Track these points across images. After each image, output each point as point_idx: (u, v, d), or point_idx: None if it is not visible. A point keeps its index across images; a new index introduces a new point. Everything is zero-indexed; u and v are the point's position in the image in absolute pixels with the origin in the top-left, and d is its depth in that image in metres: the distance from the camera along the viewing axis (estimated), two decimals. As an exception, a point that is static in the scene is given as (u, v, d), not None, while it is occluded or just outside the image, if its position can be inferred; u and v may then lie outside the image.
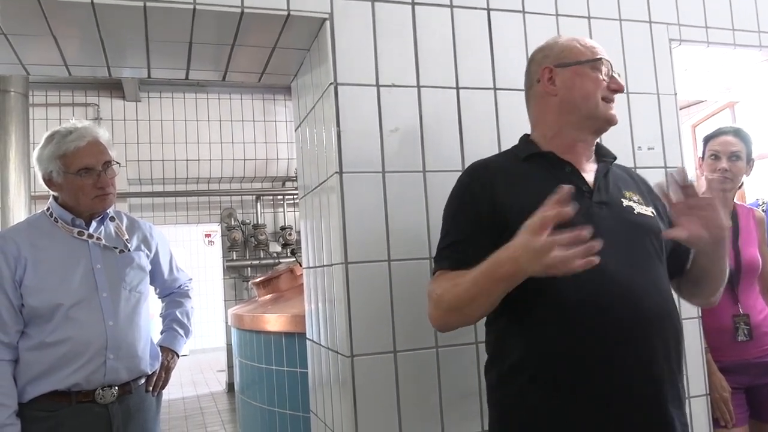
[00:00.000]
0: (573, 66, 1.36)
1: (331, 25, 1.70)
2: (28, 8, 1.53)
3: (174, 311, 2.23)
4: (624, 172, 1.48)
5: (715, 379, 2.03)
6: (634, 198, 1.37)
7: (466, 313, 1.26)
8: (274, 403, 3.21)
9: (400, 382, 1.65)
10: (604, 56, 1.38)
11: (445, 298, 1.26)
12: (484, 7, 1.86)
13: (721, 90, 2.88)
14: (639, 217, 1.34)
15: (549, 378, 1.22)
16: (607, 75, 1.37)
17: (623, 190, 1.38)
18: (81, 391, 1.78)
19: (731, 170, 2.17)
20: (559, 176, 1.32)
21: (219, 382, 7.59)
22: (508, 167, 1.38)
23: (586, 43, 1.41)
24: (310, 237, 1.98)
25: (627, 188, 1.39)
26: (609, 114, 1.36)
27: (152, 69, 2.00)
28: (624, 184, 1.41)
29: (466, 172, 1.42)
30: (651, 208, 1.38)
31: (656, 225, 1.35)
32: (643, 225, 1.33)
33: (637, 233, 1.31)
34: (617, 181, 1.40)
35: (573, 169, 1.35)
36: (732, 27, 2.20)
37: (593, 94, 1.35)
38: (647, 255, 1.31)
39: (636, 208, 1.35)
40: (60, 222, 1.85)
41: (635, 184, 1.45)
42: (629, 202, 1.35)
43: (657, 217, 1.38)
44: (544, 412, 1.22)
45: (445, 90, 1.79)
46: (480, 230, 1.30)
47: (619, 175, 1.44)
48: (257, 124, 6.93)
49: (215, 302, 8.56)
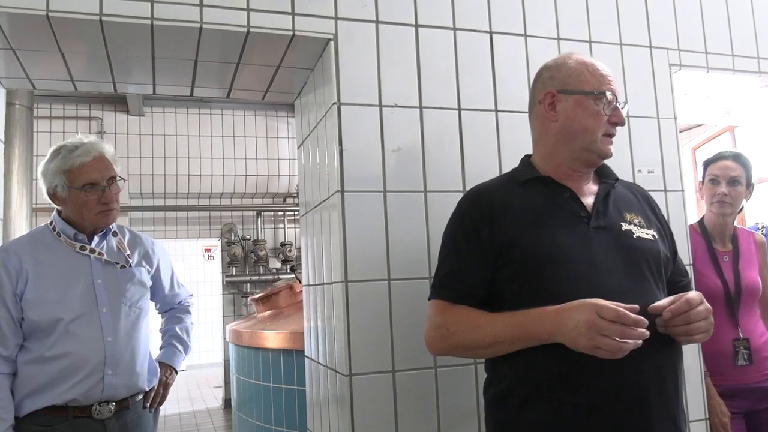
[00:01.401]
0: (576, 95, 1.33)
1: (335, 45, 1.72)
2: (36, 24, 1.55)
3: (174, 327, 2.23)
4: (628, 190, 1.46)
5: (715, 404, 2.02)
6: (635, 221, 1.35)
7: (480, 354, 1.34)
8: (270, 420, 3.19)
9: (399, 402, 1.65)
10: (612, 87, 1.34)
11: (459, 337, 1.28)
12: (487, 30, 1.88)
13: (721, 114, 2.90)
14: (638, 242, 1.32)
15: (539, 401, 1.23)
16: (610, 108, 1.33)
17: (624, 213, 1.36)
18: (78, 406, 1.77)
19: (731, 195, 2.18)
20: (557, 202, 1.33)
21: (216, 398, 7.54)
22: (507, 192, 1.37)
23: (596, 70, 1.35)
24: (311, 254, 1.99)
25: (629, 210, 1.38)
26: (604, 150, 1.34)
27: (157, 85, 2.02)
28: (626, 205, 1.39)
29: (465, 197, 1.42)
30: (653, 231, 1.36)
31: (655, 249, 1.34)
32: (640, 249, 1.31)
33: (635, 258, 1.30)
34: (619, 202, 1.38)
35: (572, 194, 1.34)
36: (731, 53, 2.22)
37: (592, 129, 1.32)
38: (643, 280, 1.29)
39: (635, 232, 1.33)
40: (62, 236, 1.86)
41: (639, 204, 1.43)
42: (629, 226, 1.33)
43: (658, 239, 1.37)
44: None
45: (447, 111, 1.80)
46: (480, 257, 1.31)
47: (622, 195, 1.42)
48: (259, 140, 6.96)
49: (214, 317, 8.53)
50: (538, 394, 1.23)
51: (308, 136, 2.02)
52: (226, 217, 7.07)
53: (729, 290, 2.14)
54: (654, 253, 1.33)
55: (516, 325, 1.21)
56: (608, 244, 1.29)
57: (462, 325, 1.28)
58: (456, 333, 1.28)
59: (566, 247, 1.27)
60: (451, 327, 1.29)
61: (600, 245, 1.28)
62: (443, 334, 1.30)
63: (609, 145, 1.35)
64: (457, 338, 1.28)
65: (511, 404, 1.27)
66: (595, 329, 1.09)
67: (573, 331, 1.11)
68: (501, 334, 1.22)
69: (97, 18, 1.55)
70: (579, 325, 1.10)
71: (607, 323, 1.08)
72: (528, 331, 1.19)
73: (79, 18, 1.54)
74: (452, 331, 1.29)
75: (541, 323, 1.17)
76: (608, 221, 1.33)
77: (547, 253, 1.26)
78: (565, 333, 1.13)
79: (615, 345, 1.08)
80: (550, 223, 1.30)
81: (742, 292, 2.15)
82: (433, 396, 1.68)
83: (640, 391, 1.20)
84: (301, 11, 1.70)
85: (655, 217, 1.44)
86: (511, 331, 1.21)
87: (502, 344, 1.23)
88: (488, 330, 1.24)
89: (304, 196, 2.10)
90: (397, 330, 1.66)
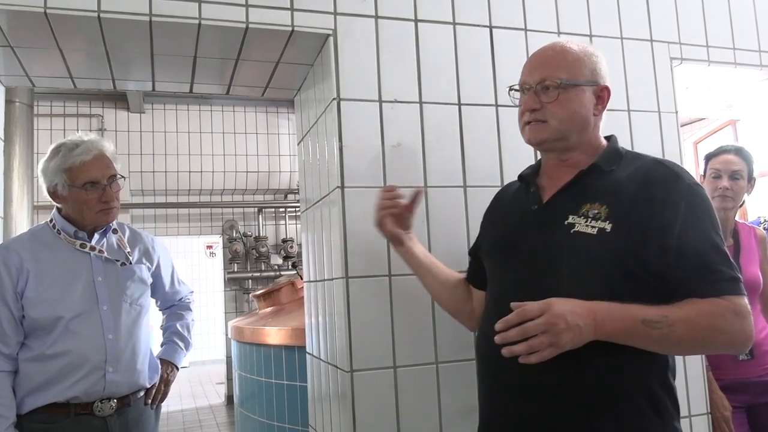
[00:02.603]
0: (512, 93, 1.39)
1: (334, 41, 1.72)
2: (34, 21, 1.55)
3: (174, 324, 2.23)
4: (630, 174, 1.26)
5: (716, 398, 2.02)
6: (591, 212, 1.22)
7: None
8: (273, 416, 3.19)
9: (400, 398, 1.65)
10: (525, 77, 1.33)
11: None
12: (487, 24, 1.87)
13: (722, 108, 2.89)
14: (571, 237, 1.21)
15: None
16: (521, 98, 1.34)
17: (583, 204, 1.24)
18: (80, 403, 1.77)
19: (732, 189, 2.18)
20: (522, 197, 1.41)
21: (218, 395, 7.56)
22: (507, 189, 1.53)
23: (530, 61, 1.36)
24: (311, 250, 1.99)
25: (594, 200, 1.23)
26: (527, 138, 1.35)
27: (157, 82, 2.02)
28: (594, 194, 1.24)
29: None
30: (607, 223, 1.19)
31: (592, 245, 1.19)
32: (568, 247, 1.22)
33: (561, 255, 1.23)
34: (586, 192, 1.26)
35: (536, 189, 1.36)
36: (733, 46, 2.21)
37: (519, 123, 1.36)
38: (556, 279, 1.21)
39: (577, 226, 1.22)
40: (62, 234, 1.86)
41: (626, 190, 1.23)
42: (576, 218, 1.23)
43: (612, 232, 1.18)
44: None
45: (447, 106, 1.80)
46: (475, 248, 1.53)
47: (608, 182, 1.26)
48: (260, 137, 6.96)
49: (215, 314, 8.55)
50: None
51: (308, 132, 2.01)
52: (228, 214, 7.07)
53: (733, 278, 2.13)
54: (588, 250, 1.19)
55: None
56: (542, 238, 1.28)
57: None
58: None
59: (501, 239, 1.39)
60: None
61: (533, 238, 1.30)
62: None
63: (529, 132, 1.33)
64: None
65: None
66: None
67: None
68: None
69: (95, 14, 1.54)
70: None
71: None
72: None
73: (77, 15, 1.53)
74: None
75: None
76: (556, 214, 1.26)
77: (488, 244, 1.44)
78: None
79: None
80: (502, 218, 1.45)
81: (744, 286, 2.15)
82: (434, 392, 1.68)
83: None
84: (300, 6, 1.69)
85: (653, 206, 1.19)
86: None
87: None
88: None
89: (304, 193, 2.10)
90: (398, 326, 1.66)
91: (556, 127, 1.29)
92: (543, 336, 1.06)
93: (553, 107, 1.28)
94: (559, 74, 1.28)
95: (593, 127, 1.33)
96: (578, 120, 1.29)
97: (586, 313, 1.09)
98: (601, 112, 1.33)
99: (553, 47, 1.33)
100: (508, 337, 1.08)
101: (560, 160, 1.35)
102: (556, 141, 1.31)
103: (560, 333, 1.06)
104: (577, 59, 1.29)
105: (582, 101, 1.29)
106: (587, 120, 1.31)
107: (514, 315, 1.08)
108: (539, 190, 1.36)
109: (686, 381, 1.92)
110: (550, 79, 1.28)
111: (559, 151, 1.33)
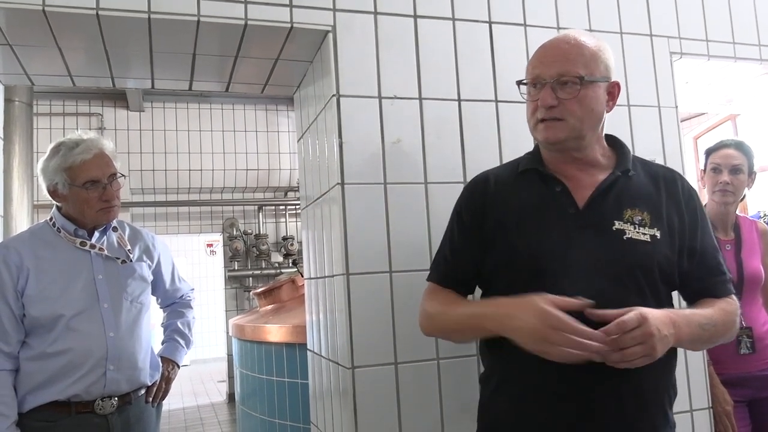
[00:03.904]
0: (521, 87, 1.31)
1: (333, 37, 1.71)
2: (33, 19, 1.54)
3: (175, 321, 2.23)
4: (651, 178, 1.31)
5: (718, 392, 2.02)
6: (636, 218, 1.23)
7: (453, 339, 1.45)
8: (274, 413, 3.20)
9: (401, 394, 1.65)
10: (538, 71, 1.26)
11: (435, 320, 1.35)
12: (486, 20, 1.87)
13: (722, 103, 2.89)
14: (626, 244, 1.21)
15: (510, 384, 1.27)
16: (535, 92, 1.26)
17: (625, 209, 1.24)
18: (80, 401, 1.77)
19: (733, 183, 2.18)
20: (546, 195, 1.28)
21: (219, 393, 7.56)
22: (506, 181, 1.35)
23: (539, 55, 1.29)
24: (312, 248, 1.99)
25: (633, 205, 1.25)
26: (540, 137, 1.28)
27: (156, 80, 2.01)
28: (631, 199, 1.25)
29: (466, 185, 1.45)
30: (656, 230, 1.23)
31: (647, 252, 1.21)
32: (626, 252, 1.20)
33: (618, 261, 1.20)
34: (623, 195, 1.26)
35: (563, 189, 1.27)
36: (732, 40, 2.21)
37: (529, 119, 1.29)
38: (623, 285, 1.20)
39: (628, 233, 1.21)
40: (62, 232, 1.86)
41: (655, 196, 1.28)
42: (623, 225, 1.22)
43: (661, 240, 1.23)
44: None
45: (446, 102, 1.80)
46: (468, 244, 1.33)
47: (636, 186, 1.28)
48: (260, 135, 6.96)
49: (216, 312, 8.56)
50: (509, 378, 1.27)
51: (308, 129, 2.01)
52: (228, 212, 7.07)
53: (731, 279, 2.13)
54: (645, 257, 1.21)
55: (474, 316, 1.25)
56: (592, 244, 1.21)
57: (439, 308, 1.33)
58: (434, 316, 1.34)
59: (544, 246, 1.23)
60: (430, 309, 1.35)
61: (582, 245, 1.21)
62: (425, 316, 1.36)
63: (539, 132, 1.27)
64: (435, 321, 1.35)
65: (490, 386, 1.32)
66: (539, 336, 1.07)
67: (518, 333, 1.12)
68: (463, 323, 1.28)
69: (93, 12, 1.54)
70: (524, 329, 1.10)
71: (552, 332, 1.06)
72: (482, 323, 1.22)
73: (75, 12, 1.53)
74: (431, 313, 1.35)
75: (493, 317, 1.19)
76: (598, 218, 1.23)
77: (525, 251, 1.24)
78: (512, 333, 1.13)
79: (563, 353, 1.06)
80: (534, 220, 1.26)
81: (745, 281, 2.15)
82: (435, 387, 1.68)
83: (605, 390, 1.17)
84: (299, 3, 1.69)
85: (675, 209, 1.28)
86: (469, 320, 1.26)
87: (465, 332, 1.31)
88: (453, 316, 1.29)
89: (304, 190, 2.09)
90: (399, 322, 1.66)
91: (574, 125, 1.23)
92: (638, 347, 1.07)
93: (571, 104, 1.22)
94: (578, 69, 1.22)
95: (603, 124, 1.31)
96: (595, 118, 1.26)
97: (669, 323, 1.12)
98: (612, 108, 1.30)
99: (567, 40, 1.26)
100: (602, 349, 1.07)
101: (574, 159, 1.29)
102: (572, 140, 1.26)
103: (655, 344, 1.08)
104: (593, 54, 1.25)
105: (598, 98, 1.25)
106: (601, 117, 1.28)
107: (614, 327, 1.07)
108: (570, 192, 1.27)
109: (687, 376, 1.92)
110: (568, 74, 1.22)
111: (573, 149, 1.28)
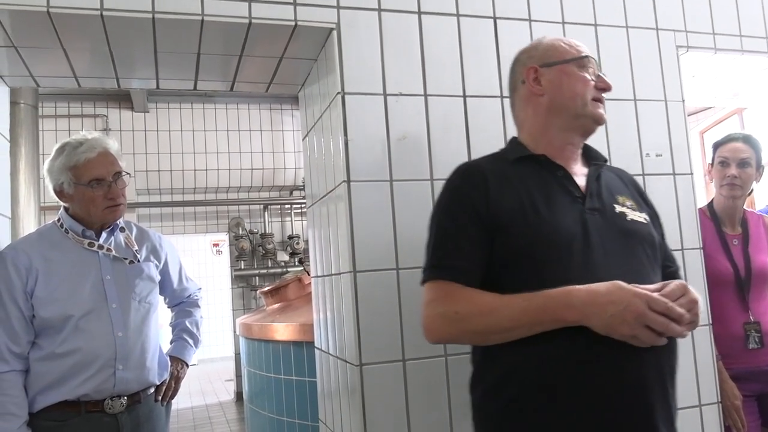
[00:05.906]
0: (559, 65, 1.33)
1: (338, 35, 1.71)
2: (37, 21, 1.55)
3: (183, 321, 2.24)
4: (615, 174, 1.43)
5: (727, 387, 2.01)
6: (627, 203, 1.32)
7: (492, 339, 1.20)
8: (282, 412, 3.20)
9: (409, 391, 1.65)
10: (590, 54, 1.36)
11: (472, 322, 1.19)
12: (491, 15, 1.86)
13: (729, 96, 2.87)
14: (632, 224, 1.29)
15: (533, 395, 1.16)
16: (593, 74, 1.34)
17: (616, 195, 1.33)
18: (90, 401, 1.78)
19: (740, 177, 2.16)
20: (550, 180, 1.30)
21: (227, 392, 7.59)
22: (499, 169, 1.32)
23: (570, 41, 1.37)
24: (318, 246, 1.99)
25: (620, 193, 1.35)
26: (597, 113, 1.33)
27: (161, 80, 2.02)
28: (616, 188, 1.36)
29: (455, 173, 1.34)
30: (644, 214, 1.34)
31: (649, 232, 1.31)
32: (636, 233, 1.28)
33: (631, 241, 1.26)
34: (609, 185, 1.35)
35: (565, 173, 1.31)
36: (739, 33, 2.19)
37: (581, 94, 1.31)
38: (641, 265, 1.25)
39: (629, 215, 1.30)
40: (70, 233, 1.86)
41: (626, 187, 1.40)
42: (622, 208, 1.30)
43: (650, 223, 1.34)
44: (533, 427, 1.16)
45: (452, 98, 1.79)
46: (477, 233, 1.23)
47: (611, 178, 1.39)
48: (264, 134, 6.96)
49: (223, 311, 8.57)
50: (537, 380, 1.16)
51: (313, 127, 2.01)
52: (234, 212, 7.08)
53: (739, 274, 2.13)
54: (648, 236, 1.30)
55: (538, 308, 1.12)
56: (604, 227, 1.25)
57: (475, 308, 1.18)
58: (467, 317, 1.18)
59: (563, 229, 1.21)
60: (461, 311, 1.19)
61: (596, 228, 1.24)
62: (451, 319, 1.19)
63: (599, 109, 1.34)
64: (467, 323, 1.18)
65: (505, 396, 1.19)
66: (642, 320, 1.07)
67: (614, 318, 1.07)
68: (521, 318, 1.13)
69: (98, 13, 1.54)
70: (623, 313, 1.07)
71: (655, 316, 1.07)
72: (553, 314, 1.11)
73: (79, 13, 1.53)
74: (462, 315, 1.18)
75: (569, 306, 1.10)
76: (602, 203, 1.29)
77: (545, 235, 1.21)
78: (603, 318, 1.08)
79: (654, 337, 1.08)
80: (546, 204, 1.24)
81: (753, 275, 2.14)
82: (443, 384, 1.68)
83: (642, 386, 1.14)
84: (303, 1, 1.69)
85: (643, 201, 1.41)
86: (533, 314, 1.13)
87: (521, 328, 1.14)
88: (506, 313, 1.15)
89: (310, 188, 2.09)
90: (407, 319, 1.66)
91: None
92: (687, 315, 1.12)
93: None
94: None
95: None
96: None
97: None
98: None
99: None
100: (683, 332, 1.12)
101: (573, 147, 1.37)
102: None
103: (698, 311, 1.15)
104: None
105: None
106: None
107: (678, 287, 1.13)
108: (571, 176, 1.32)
109: (696, 370, 1.91)
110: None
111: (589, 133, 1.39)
